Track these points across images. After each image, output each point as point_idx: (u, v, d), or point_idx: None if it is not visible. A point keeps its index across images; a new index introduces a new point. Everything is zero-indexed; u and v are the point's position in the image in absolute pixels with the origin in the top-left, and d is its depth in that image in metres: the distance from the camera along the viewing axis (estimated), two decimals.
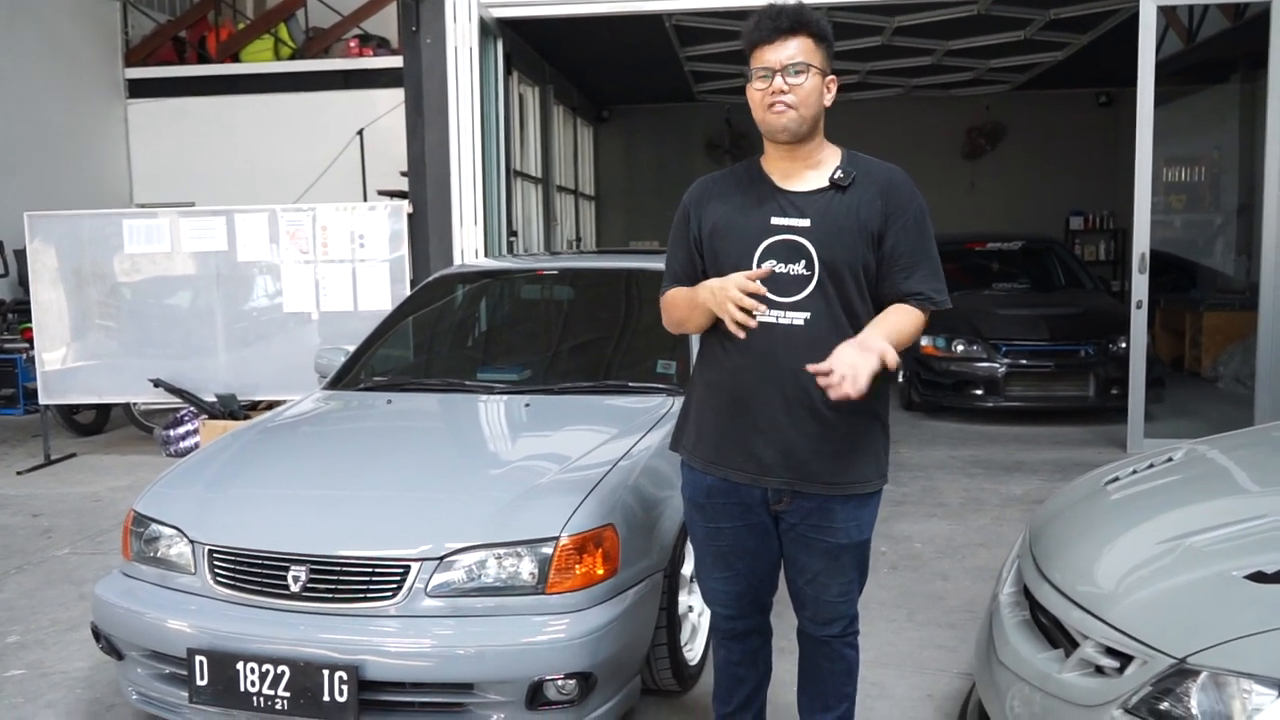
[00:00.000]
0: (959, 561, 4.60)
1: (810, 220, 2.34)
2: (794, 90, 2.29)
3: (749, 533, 2.48)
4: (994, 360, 7.69)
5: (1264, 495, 2.59)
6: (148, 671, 2.88)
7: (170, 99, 11.10)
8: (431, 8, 6.97)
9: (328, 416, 3.83)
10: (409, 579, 2.67)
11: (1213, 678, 1.85)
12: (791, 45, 2.29)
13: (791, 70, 2.29)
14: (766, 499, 2.43)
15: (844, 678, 2.63)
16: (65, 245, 7.00)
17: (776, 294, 2.32)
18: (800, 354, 2.27)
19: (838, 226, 2.33)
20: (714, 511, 2.49)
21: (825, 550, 2.44)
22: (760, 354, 2.33)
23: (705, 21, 8.82)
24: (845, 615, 2.55)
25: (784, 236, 2.34)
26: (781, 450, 2.36)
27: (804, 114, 2.31)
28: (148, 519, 3.02)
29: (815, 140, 2.39)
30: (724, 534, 2.50)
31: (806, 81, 2.30)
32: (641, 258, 4.89)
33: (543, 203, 10.12)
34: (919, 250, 2.36)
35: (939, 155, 12.67)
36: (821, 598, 2.51)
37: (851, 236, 2.32)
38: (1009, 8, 8.44)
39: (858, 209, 2.33)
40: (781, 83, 2.29)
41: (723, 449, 2.43)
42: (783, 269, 2.32)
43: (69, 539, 5.24)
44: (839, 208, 2.34)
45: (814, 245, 2.32)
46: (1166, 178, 11.06)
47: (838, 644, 2.58)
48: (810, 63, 2.30)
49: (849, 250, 2.32)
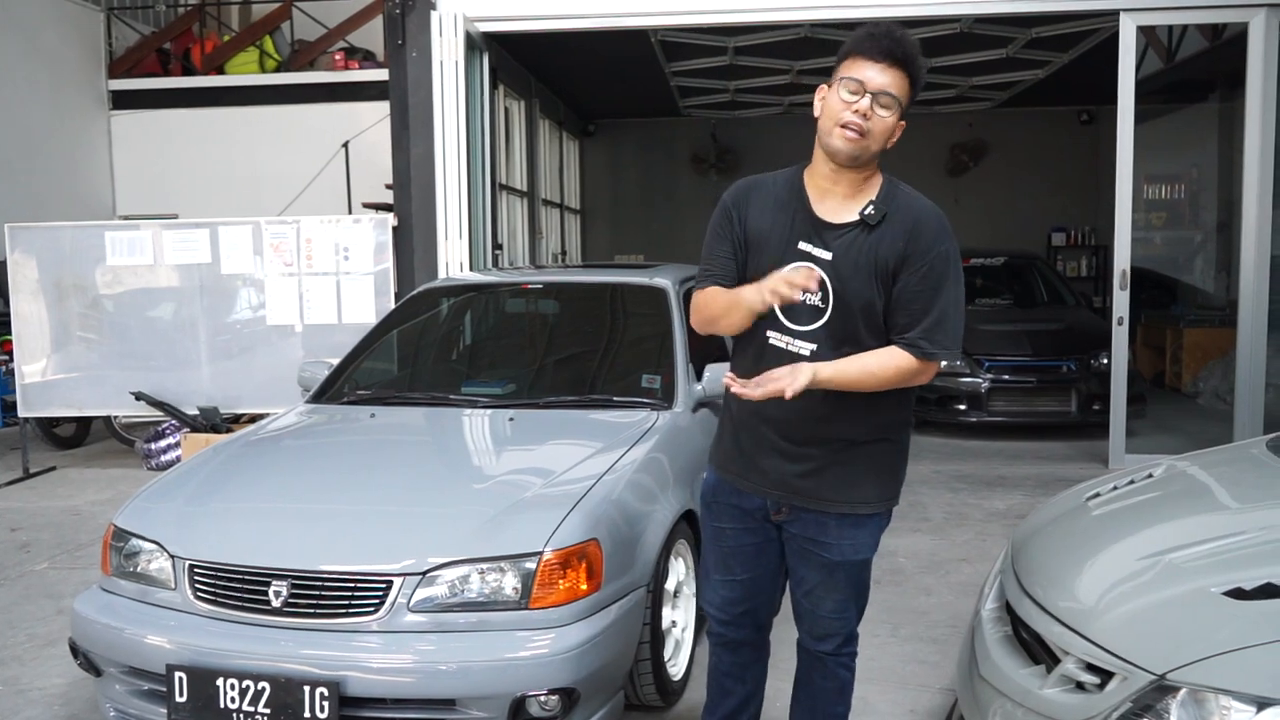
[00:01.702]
0: (942, 577, 4.61)
1: (832, 255, 2.32)
2: (873, 120, 2.24)
3: (749, 537, 2.54)
4: (977, 376, 7.72)
5: (1243, 512, 2.61)
6: (126, 688, 2.85)
7: (154, 111, 11.05)
8: (417, 21, 6.98)
9: (311, 430, 3.81)
10: (391, 594, 2.65)
11: (1192, 694, 1.87)
12: (892, 75, 2.24)
13: (881, 99, 2.23)
14: (767, 508, 2.49)
15: (835, 696, 2.64)
16: (46, 257, 6.95)
17: (791, 321, 2.35)
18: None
19: (855, 265, 2.31)
20: (719, 511, 2.58)
21: (821, 564, 2.47)
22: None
23: (690, 37, 8.86)
24: (840, 633, 2.56)
25: (806, 265, 2.32)
26: (782, 467, 2.42)
27: (871, 146, 2.27)
28: (128, 533, 3.00)
29: (865, 172, 2.34)
30: (725, 535, 2.58)
31: (888, 118, 2.25)
32: (627, 272, 4.90)
33: (528, 216, 10.13)
34: (928, 298, 2.29)
35: (922, 171, 12.71)
36: (816, 612, 2.53)
37: (867, 275, 2.30)
38: (991, 26, 8.52)
39: (878, 248, 2.30)
40: (868, 105, 2.23)
41: (736, 458, 2.52)
42: (800, 296, 2.28)
43: (48, 553, 5.19)
44: (861, 245, 2.31)
45: (831, 280, 2.31)
46: (1147, 195, 11.16)
47: (831, 661, 2.59)
48: (898, 99, 2.25)
49: (863, 289, 2.30)
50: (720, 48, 9.29)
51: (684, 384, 3.79)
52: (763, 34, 8.72)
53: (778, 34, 8.63)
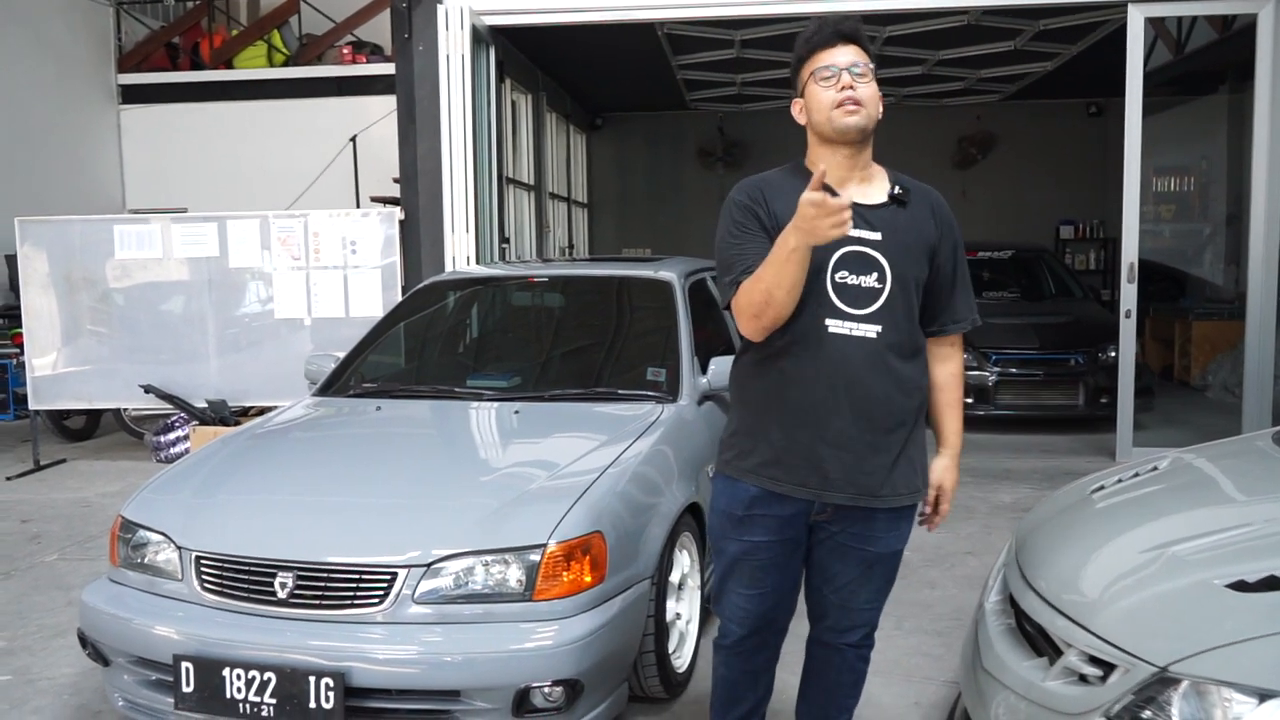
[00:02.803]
0: (947, 570, 4.61)
1: (881, 234, 2.33)
2: (859, 89, 2.29)
3: (782, 547, 2.43)
4: (984, 369, 7.71)
5: (1247, 504, 2.60)
6: (134, 678, 2.88)
7: (163, 105, 11.10)
8: (424, 15, 6.99)
9: (317, 423, 3.83)
10: (396, 585, 2.67)
11: (1194, 686, 1.87)
12: (851, 49, 2.33)
13: (855, 70, 2.30)
14: (808, 511, 2.39)
15: (849, 689, 2.65)
16: (56, 250, 6.99)
17: (848, 305, 2.31)
18: (877, 366, 2.31)
19: (905, 242, 2.35)
20: (751, 524, 2.41)
21: (861, 559, 2.44)
22: (832, 365, 2.30)
23: (697, 30, 8.84)
24: (868, 624, 2.57)
25: (857, 248, 2.31)
26: (847, 463, 2.33)
27: (871, 113, 2.31)
28: (135, 525, 3.02)
29: (868, 151, 2.39)
30: (760, 549, 2.43)
31: (870, 83, 2.32)
32: (633, 265, 4.90)
33: (535, 210, 10.13)
34: (958, 270, 2.47)
35: (930, 164, 12.67)
36: (849, 605, 2.51)
37: (917, 252, 2.37)
38: (999, 18, 8.49)
39: (918, 225, 2.38)
40: (849, 79, 2.29)
41: (785, 462, 2.35)
42: (855, 280, 2.30)
43: (57, 545, 5.23)
44: (904, 223, 2.36)
45: (886, 259, 2.33)
46: (1156, 187, 11.12)
47: (851, 653, 2.58)
48: (868, 64, 2.33)
49: (916, 266, 2.37)
50: (727, 40, 9.28)
51: (689, 377, 3.80)
52: (769, 27, 8.69)
53: (784, 26, 8.61)
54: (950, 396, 2.54)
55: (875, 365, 2.30)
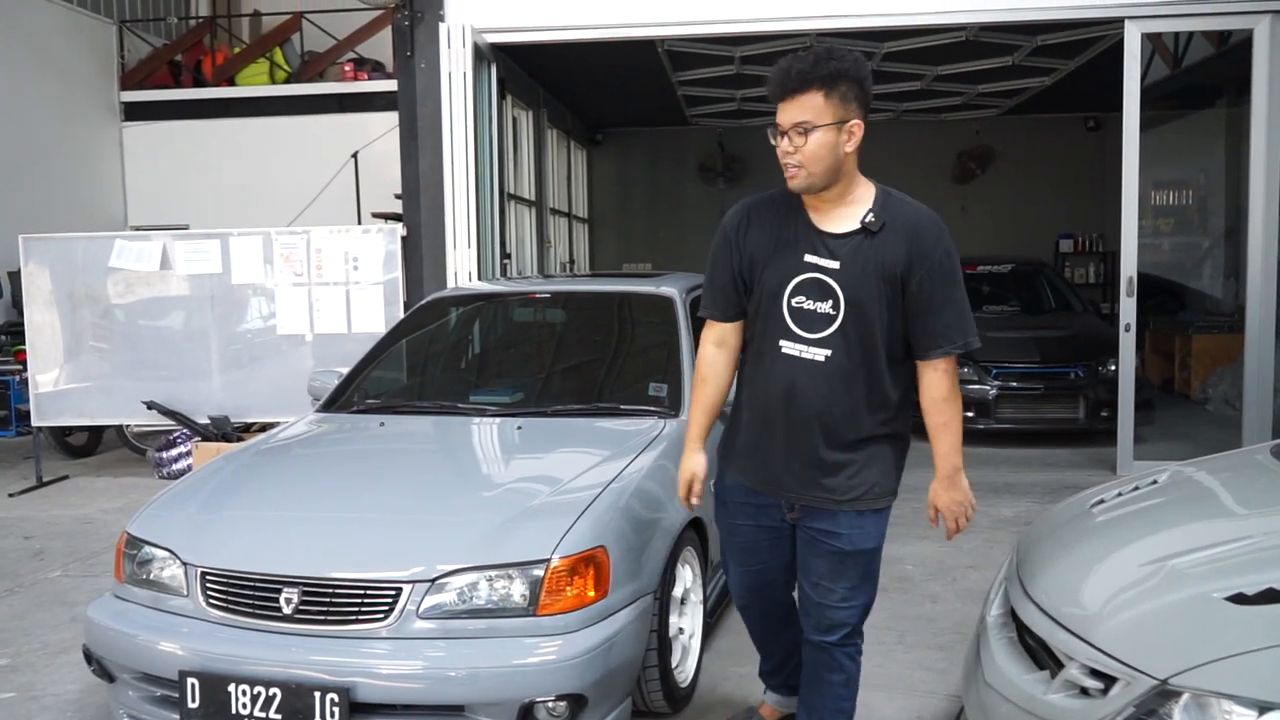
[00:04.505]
0: (949, 583, 4.62)
1: (840, 263, 2.45)
2: (800, 151, 2.38)
3: (761, 533, 2.70)
4: (984, 383, 7.72)
5: (1247, 517, 2.62)
6: (139, 694, 2.89)
7: (166, 122, 11.16)
8: (426, 33, 7.03)
9: (321, 439, 3.85)
10: (401, 601, 2.68)
11: (1195, 699, 1.88)
12: (797, 105, 2.38)
13: (797, 131, 2.38)
14: (782, 507, 2.64)
15: (841, 690, 2.71)
16: (59, 267, 7.01)
17: (803, 329, 2.49)
18: (819, 387, 2.48)
19: (863, 270, 2.44)
20: (733, 509, 2.74)
21: (830, 553, 2.58)
22: (785, 383, 2.52)
23: (697, 47, 8.89)
24: (846, 623, 2.64)
25: (814, 275, 2.47)
26: (795, 470, 2.55)
27: (813, 171, 2.40)
28: (141, 541, 3.03)
29: (840, 186, 2.47)
30: (739, 531, 2.74)
31: (810, 142, 2.37)
32: (634, 281, 4.93)
33: (536, 225, 10.16)
34: (944, 295, 2.45)
35: (929, 179, 12.76)
36: (825, 602, 2.62)
37: (875, 280, 2.44)
38: (996, 34, 8.54)
39: (883, 253, 2.44)
40: (788, 144, 2.40)
41: (749, 462, 2.66)
42: (810, 305, 2.47)
43: (61, 561, 5.23)
44: (867, 251, 2.45)
45: (841, 287, 2.45)
46: (1155, 201, 11.14)
47: (837, 652, 2.66)
48: (814, 121, 2.36)
49: (872, 293, 2.44)
50: (727, 57, 9.33)
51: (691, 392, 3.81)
52: (769, 43, 8.75)
53: (784, 43, 8.66)
54: (935, 420, 2.56)
55: (820, 386, 2.48)
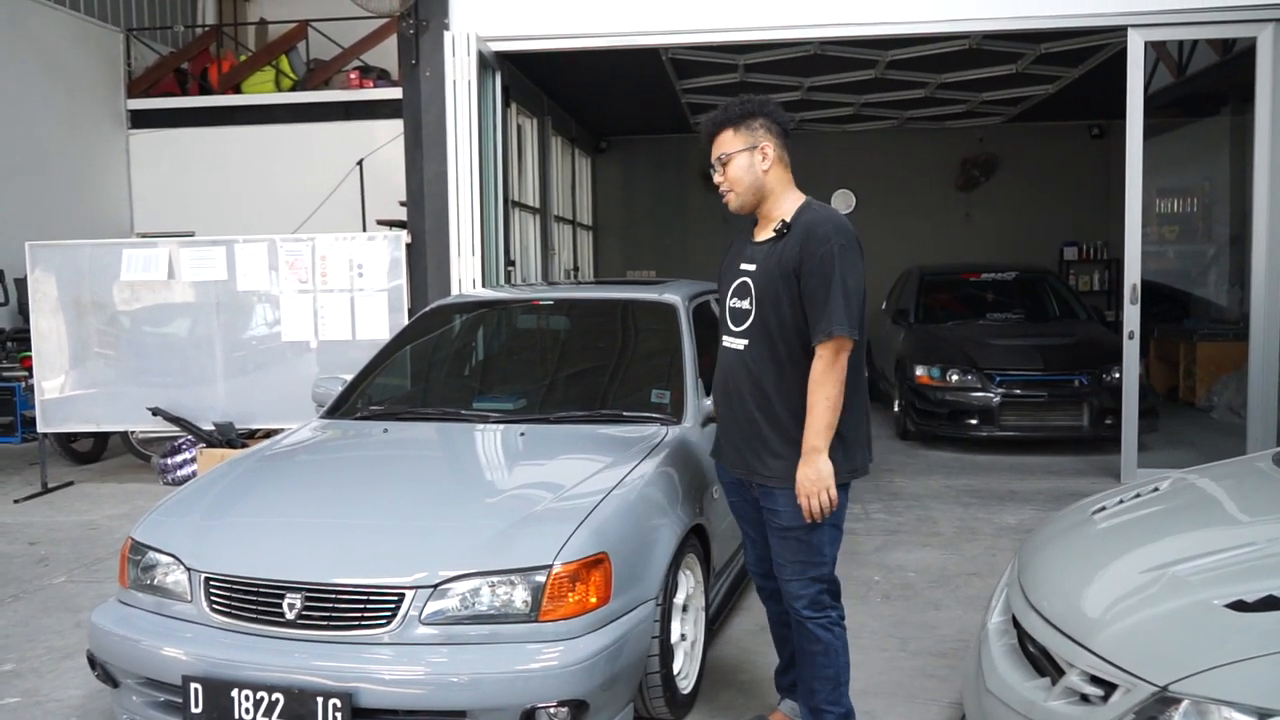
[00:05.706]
0: (952, 591, 4.62)
1: (755, 265, 2.90)
2: (726, 178, 2.92)
3: (743, 506, 3.08)
4: (989, 390, 7.72)
5: (1248, 524, 2.62)
6: (143, 699, 2.90)
7: (172, 130, 11.20)
8: (431, 41, 7.07)
9: (325, 445, 3.86)
10: (403, 607, 2.69)
11: (1195, 705, 1.88)
12: (717, 143, 2.94)
13: (720, 162, 2.92)
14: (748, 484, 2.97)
15: (821, 659, 2.86)
16: (65, 274, 7.04)
17: (734, 324, 2.95)
18: (740, 372, 2.90)
19: (770, 270, 2.84)
20: (726, 487, 3.15)
21: (775, 529, 2.89)
22: (724, 371, 2.99)
23: (701, 55, 8.92)
24: (802, 595, 2.86)
25: (743, 279, 2.94)
26: (740, 449, 2.94)
27: (739, 191, 2.91)
28: (145, 547, 3.05)
29: (769, 202, 2.92)
30: (733, 506, 3.14)
31: (731, 168, 2.90)
32: (637, 288, 4.93)
33: (540, 233, 10.19)
34: (821, 288, 2.74)
35: (934, 186, 12.79)
36: (781, 574, 2.91)
37: (777, 277, 2.82)
38: (1000, 42, 8.55)
39: (783, 253, 2.82)
40: (717, 175, 2.94)
41: (720, 444, 3.09)
42: (738, 304, 2.94)
43: (65, 567, 5.25)
44: (774, 253, 2.85)
45: (755, 286, 2.88)
46: (1159, 209, 11.15)
47: (810, 624, 2.87)
48: (728, 153, 2.90)
49: (772, 288, 2.83)
50: (730, 65, 9.36)
51: (693, 399, 3.83)
52: (772, 51, 8.78)
53: (787, 51, 8.69)
54: (808, 401, 2.76)
55: (740, 371, 2.90)
